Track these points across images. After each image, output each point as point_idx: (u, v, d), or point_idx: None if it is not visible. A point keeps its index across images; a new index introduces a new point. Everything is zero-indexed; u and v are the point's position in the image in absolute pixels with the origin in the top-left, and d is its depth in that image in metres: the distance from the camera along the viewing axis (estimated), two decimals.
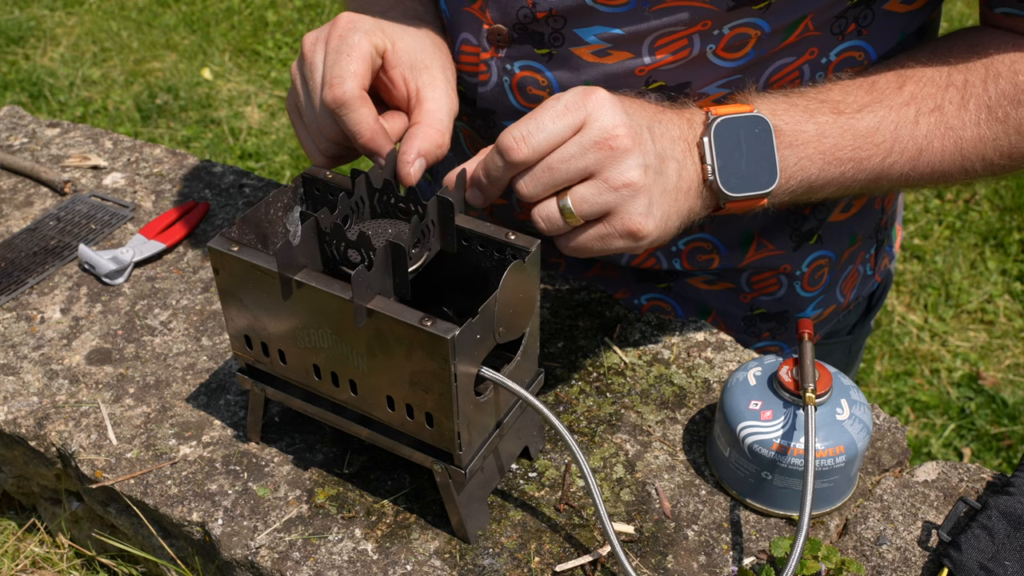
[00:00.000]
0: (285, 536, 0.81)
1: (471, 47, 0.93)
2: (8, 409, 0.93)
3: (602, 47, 0.86)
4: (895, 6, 0.88)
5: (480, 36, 0.91)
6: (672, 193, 0.74)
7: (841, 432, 0.79)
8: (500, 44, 0.90)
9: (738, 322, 1.08)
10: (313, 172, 0.83)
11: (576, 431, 0.90)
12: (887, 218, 1.11)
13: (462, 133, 1.02)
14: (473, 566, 0.79)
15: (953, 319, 2.42)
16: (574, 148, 0.70)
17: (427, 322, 0.69)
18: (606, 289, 1.06)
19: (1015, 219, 2.65)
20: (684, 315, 1.07)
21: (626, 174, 0.70)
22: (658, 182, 0.72)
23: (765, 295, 1.05)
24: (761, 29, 0.84)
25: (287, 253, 0.71)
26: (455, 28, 0.94)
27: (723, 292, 1.06)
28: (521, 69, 0.90)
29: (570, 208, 0.71)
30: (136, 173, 1.26)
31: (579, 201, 0.71)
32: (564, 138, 0.70)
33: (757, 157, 0.77)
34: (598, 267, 1.07)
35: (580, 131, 0.70)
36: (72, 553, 1.01)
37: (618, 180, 0.70)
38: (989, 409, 2.16)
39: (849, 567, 0.75)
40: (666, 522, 0.82)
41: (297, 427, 0.91)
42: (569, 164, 0.70)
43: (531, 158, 0.71)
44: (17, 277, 1.09)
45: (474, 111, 0.96)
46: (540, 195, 0.72)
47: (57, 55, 3.37)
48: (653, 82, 0.87)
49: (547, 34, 0.87)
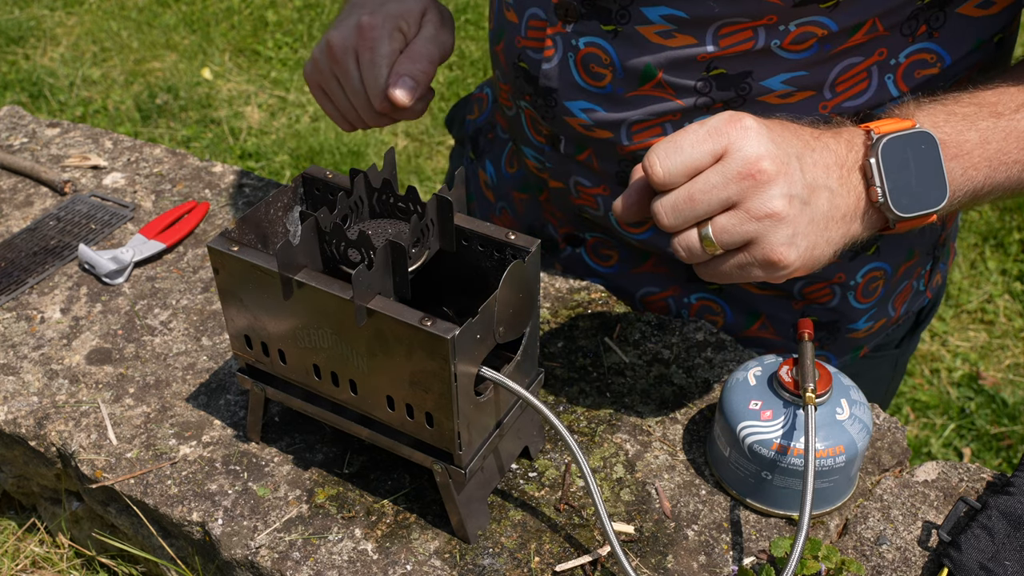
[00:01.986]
0: (285, 536, 0.81)
1: (539, 22, 0.94)
2: (8, 409, 0.93)
3: (667, 28, 0.86)
4: (969, 10, 0.86)
5: (549, 10, 0.92)
6: (821, 223, 0.72)
7: (841, 432, 0.79)
8: (568, 18, 0.91)
9: (787, 328, 1.07)
10: (313, 172, 0.84)
11: (576, 431, 0.90)
12: (946, 235, 1.09)
13: (524, 114, 1.02)
14: (473, 566, 0.79)
15: (953, 319, 2.42)
16: (716, 178, 0.69)
17: (427, 322, 0.69)
18: (657, 287, 1.05)
19: (1015, 219, 2.65)
20: (733, 318, 1.06)
21: (768, 204, 0.69)
22: (804, 212, 0.70)
23: (818, 304, 1.04)
24: (828, 28, 0.83)
25: (287, 253, 0.71)
26: (521, 3, 0.95)
27: (775, 298, 1.05)
28: (586, 45, 0.91)
29: (711, 238, 0.70)
30: (136, 173, 1.26)
31: (720, 231, 0.70)
32: (703, 165, 0.69)
33: (926, 174, 0.75)
34: (651, 263, 1.06)
35: (722, 159, 0.69)
36: (72, 553, 1.01)
37: (760, 210, 0.69)
38: (989, 409, 2.16)
39: (849, 567, 0.75)
40: (666, 522, 0.82)
41: (297, 427, 0.91)
42: (711, 195, 0.69)
43: (666, 181, 0.70)
44: (17, 277, 1.09)
45: (536, 90, 0.97)
46: (681, 227, 0.71)
47: (57, 55, 3.37)
48: (714, 69, 0.87)
49: (615, 10, 0.88)
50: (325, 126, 3.01)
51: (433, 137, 3.01)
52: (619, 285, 1.08)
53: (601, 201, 1.00)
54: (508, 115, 1.07)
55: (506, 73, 1.01)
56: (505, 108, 1.07)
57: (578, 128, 0.95)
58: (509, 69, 0.99)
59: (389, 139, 3.01)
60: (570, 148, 0.98)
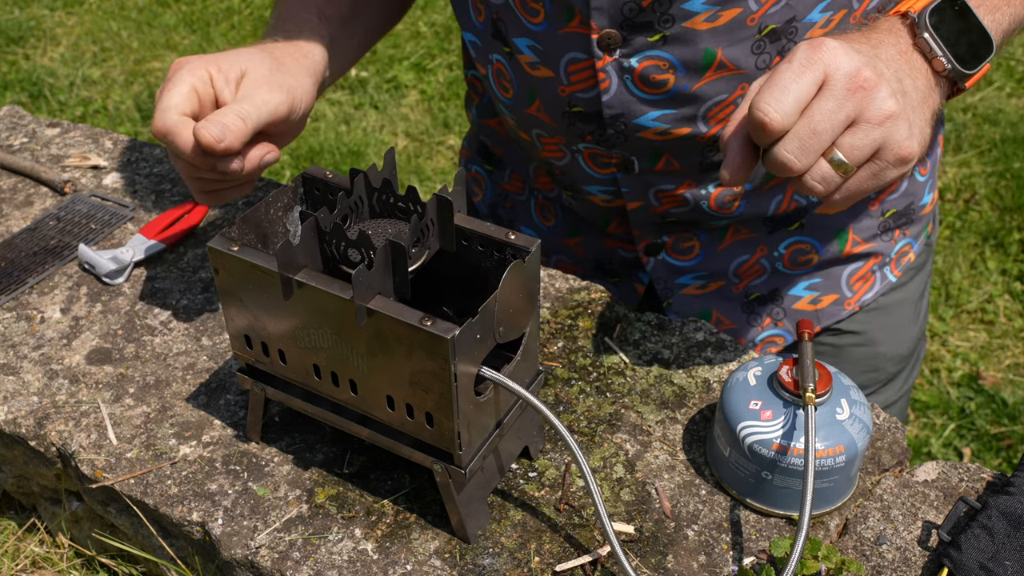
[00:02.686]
0: (285, 536, 0.81)
1: (580, 63, 0.95)
2: (8, 409, 0.93)
3: (711, 11, 0.89)
4: None
5: (590, 48, 0.93)
6: (919, 107, 0.75)
7: (841, 432, 0.79)
8: (612, 47, 0.92)
9: (874, 230, 1.12)
10: (313, 172, 0.84)
11: (576, 431, 0.90)
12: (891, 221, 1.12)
13: (582, 156, 1.03)
14: (473, 566, 0.79)
15: (953, 319, 2.42)
16: (831, 103, 0.70)
17: (427, 322, 0.69)
18: (748, 254, 1.09)
19: (1015, 219, 2.65)
20: (823, 249, 1.09)
21: (884, 107, 0.71)
22: (907, 103, 0.73)
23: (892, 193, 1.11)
24: None
25: (287, 253, 0.71)
26: (553, 56, 0.96)
27: None
28: (639, 62, 0.92)
29: (843, 161, 0.71)
30: (136, 173, 1.26)
31: (850, 150, 0.71)
32: (810, 95, 0.71)
33: (968, 30, 0.78)
34: (730, 234, 1.09)
35: (826, 84, 0.71)
36: (72, 553, 1.01)
37: (879, 115, 0.71)
38: (989, 409, 2.16)
39: (849, 567, 0.75)
40: (666, 522, 0.82)
41: (297, 427, 0.91)
42: (833, 120, 0.70)
43: (786, 124, 0.71)
44: (17, 277, 1.09)
45: (599, 124, 0.98)
46: (811, 163, 0.72)
47: (57, 55, 3.37)
48: (765, 27, 0.90)
49: (656, 19, 0.90)
50: (325, 126, 3.01)
51: (433, 137, 3.01)
52: (711, 270, 1.10)
53: (690, 196, 1.03)
54: (558, 164, 1.07)
55: (553, 127, 1.02)
56: (553, 160, 1.07)
57: (655, 138, 0.97)
58: (557, 121, 1.00)
59: (389, 139, 3.01)
60: (645, 163, 1.00)
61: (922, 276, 1.22)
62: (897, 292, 1.17)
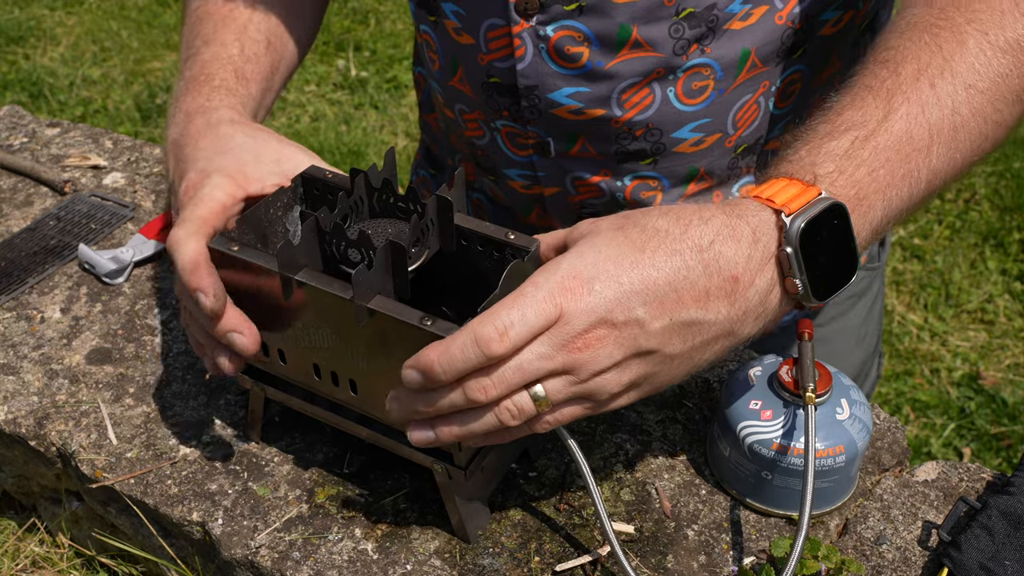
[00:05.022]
0: (285, 536, 0.81)
1: (499, 30, 0.94)
2: (8, 409, 0.93)
3: None
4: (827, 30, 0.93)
5: (508, 13, 0.92)
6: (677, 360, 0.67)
7: (841, 432, 0.79)
8: (530, 13, 0.91)
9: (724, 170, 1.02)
10: (313, 172, 0.84)
11: (576, 431, 0.90)
12: None
13: (500, 134, 1.02)
14: (473, 566, 0.79)
15: (953, 319, 2.42)
16: (545, 348, 0.64)
17: (427, 322, 0.69)
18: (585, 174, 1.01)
19: (1015, 219, 2.65)
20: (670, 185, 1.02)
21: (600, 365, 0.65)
22: (649, 362, 0.66)
23: None
24: None
25: (287, 253, 0.71)
26: (475, 20, 0.95)
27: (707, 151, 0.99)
28: (555, 31, 0.91)
29: (540, 395, 0.66)
30: (136, 173, 1.26)
31: (553, 393, 0.66)
32: (541, 331, 0.64)
33: (839, 249, 0.69)
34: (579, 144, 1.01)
35: (555, 326, 0.64)
36: (72, 553, 1.01)
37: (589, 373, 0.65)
38: (989, 409, 2.17)
39: (849, 567, 0.75)
40: (666, 522, 0.82)
41: (297, 427, 0.91)
42: (539, 366, 0.64)
43: (509, 354, 0.64)
44: (17, 277, 1.09)
45: (514, 97, 0.97)
46: (504, 395, 0.65)
47: (57, 55, 3.37)
48: (683, 10, 0.89)
49: None
50: (325, 126, 3.01)
51: None
52: None
53: (605, 187, 1.01)
54: (479, 144, 1.05)
55: (473, 100, 1.01)
56: (474, 140, 1.05)
57: (568, 116, 0.95)
58: (477, 93, 0.99)
59: (389, 139, 3.01)
60: (561, 145, 0.99)
61: (865, 302, 1.17)
62: (836, 322, 1.14)
